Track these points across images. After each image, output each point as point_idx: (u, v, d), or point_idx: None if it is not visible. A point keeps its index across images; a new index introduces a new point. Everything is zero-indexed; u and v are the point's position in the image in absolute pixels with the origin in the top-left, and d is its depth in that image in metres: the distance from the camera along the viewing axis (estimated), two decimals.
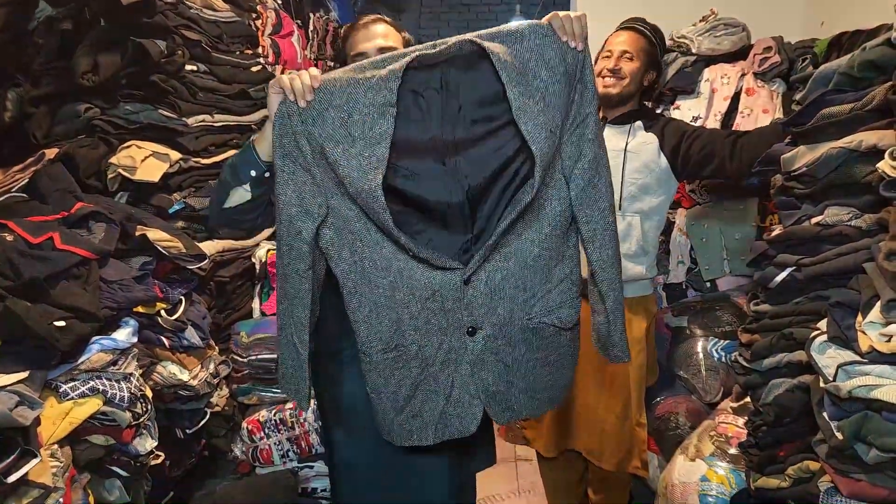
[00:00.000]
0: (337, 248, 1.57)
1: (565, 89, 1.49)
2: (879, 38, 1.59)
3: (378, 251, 1.55)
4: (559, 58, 1.48)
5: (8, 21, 2.24)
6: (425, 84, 1.51)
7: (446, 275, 1.56)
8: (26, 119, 2.42)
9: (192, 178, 2.69)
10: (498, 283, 1.59)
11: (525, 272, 1.60)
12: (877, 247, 1.42)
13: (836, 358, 1.42)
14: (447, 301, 1.59)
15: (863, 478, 1.40)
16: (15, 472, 1.54)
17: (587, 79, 1.53)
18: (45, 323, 1.73)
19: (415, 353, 1.63)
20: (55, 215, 2.05)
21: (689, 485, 2.30)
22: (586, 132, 1.56)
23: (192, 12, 2.82)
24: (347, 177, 1.46)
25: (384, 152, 1.45)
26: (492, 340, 1.63)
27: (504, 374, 1.67)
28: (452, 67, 1.51)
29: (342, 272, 1.59)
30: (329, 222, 1.55)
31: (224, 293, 2.97)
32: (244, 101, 3.06)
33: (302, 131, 1.49)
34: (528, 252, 1.59)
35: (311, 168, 1.51)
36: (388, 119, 1.46)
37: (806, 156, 1.69)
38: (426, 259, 1.54)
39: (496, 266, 1.58)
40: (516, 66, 1.47)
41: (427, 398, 1.67)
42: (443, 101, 1.52)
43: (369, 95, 1.46)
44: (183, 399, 2.41)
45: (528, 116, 1.46)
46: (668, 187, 2.39)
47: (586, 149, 1.57)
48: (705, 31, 3.08)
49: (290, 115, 1.49)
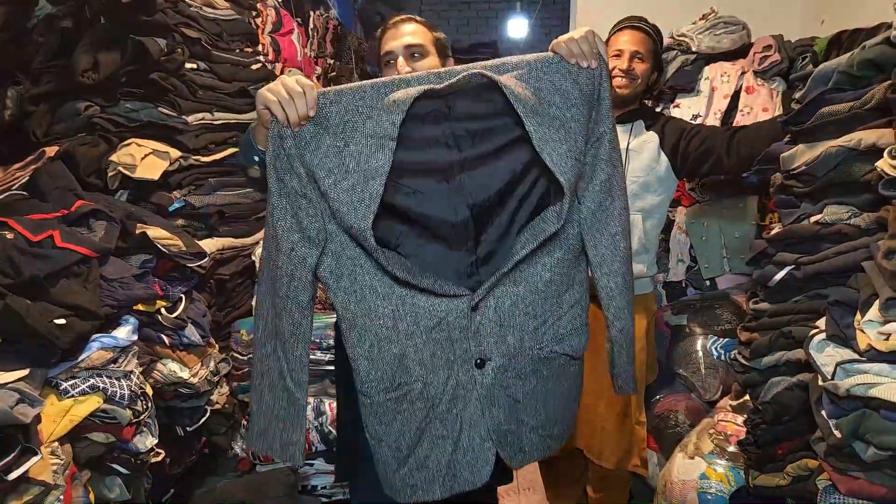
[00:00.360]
0: (336, 276, 1.47)
1: (584, 112, 1.44)
2: (879, 36, 1.59)
3: (378, 277, 1.46)
4: (571, 82, 1.43)
5: (8, 19, 2.25)
6: (429, 110, 1.44)
7: (452, 301, 1.47)
8: (26, 117, 2.43)
9: (192, 175, 2.69)
10: (507, 310, 1.50)
11: (536, 298, 1.51)
12: (875, 245, 1.42)
13: (834, 356, 1.43)
14: (454, 330, 1.49)
15: (861, 476, 1.40)
16: (16, 470, 1.55)
17: (603, 95, 1.47)
18: (46, 321, 1.74)
19: (419, 391, 1.51)
20: (55, 213, 2.06)
21: (689, 482, 2.31)
22: (600, 152, 1.49)
23: (192, 10, 2.82)
24: (337, 211, 1.39)
25: (378, 189, 1.36)
26: (502, 373, 1.52)
27: (514, 411, 1.56)
28: (458, 97, 1.44)
29: (341, 303, 1.48)
30: (328, 249, 1.46)
31: (224, 291, 2.97)
32: (244, 99, 3.05)
33: (296, 154, 1.39)
34: (539, 277, 1.51)
35: (307, 192, 1.41)
36: (387, 153, 1.37)
37: (805, 154, 1.69)
38: (429, 289, 1.45)
39: (505, 291, 1.49)
40: (529, 97, 1.41)
41: (434, 445, 1.54)
42: (447, 124, 1.45)
43: (369, 126, 1.39)
44: (183, 397, 2.41)
45: (552, 147, 1.40)
46: (668, 185, 2.39)
47: (599, 169, 1.50)
48: (705, 30, 3.08)
49: (283, 137, 1.39)
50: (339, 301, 1.49)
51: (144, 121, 2.53)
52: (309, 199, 1.41)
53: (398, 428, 1.53)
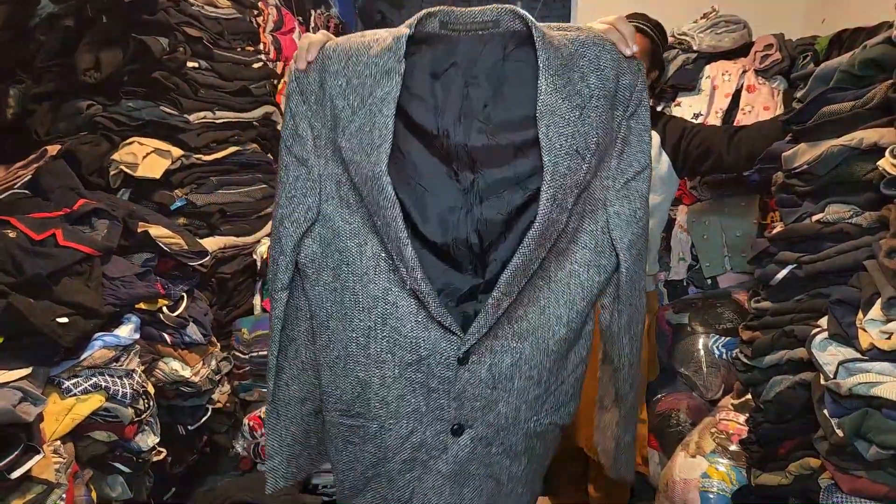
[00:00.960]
0: (317, 267, 1.25)
1: (609, 111, 1.19)
2: (880, 36, 1.59)
3: (365, 284, 1.20)
4: (614, 73, 1.18)
5: (10, 18, 2.25)
6: (446, 63, 1.19)
7: (440, 340, 1.19)
8: (29, 116, 2.44)
9: (194, 174, 2.69)
10: (506, 371, 1.21)
11: (544, 359, 1.22)
12: (877, 244, 1.42)
13: (836, 355, 1.42)
14: (433, 377, 1.21)
15: (863, 475, 1.40)
16: (18, 469, 1.54)
17: (641, 115, 1.22)
18: (48, 319, 1.74)
19: (374, 433, 1.25)
20: (58, 212, 2.06)
21: (690, 481, 2.30)
22: (633, 201, 1.22)
23: (194, 9, 2.82)
24: (351, 161, 1.17)
25: (387, 122, 1.14)
26: (483, 446, 1.24)
27: (493, 497, 1.27)
28: (485, 49, 1.18)
29: (317, 297, 1.26)
30: (315, 233, 1.24)
31: (225, 290, 2.97)
32: (245, 97, 3.05)
33: (303, 112, 1.22)
34: (551, 333, 1.21)
35: (307, 159, 1.23)
36: (393, 80, 1.15)
37: (807, 153, 1.69)
38: (422, 300, 1.17)
39: (506, 346, 1.20)
40: (563, 56, 1.15)
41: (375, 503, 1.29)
42: (464, 88, 1.19)
43: (372, 57, 1.16)
44: (185, 395, 2.41)
45: (554, 120, 1.14)
46: (669, 185, 2.39)
47: (631, 230, 1.22)
48: (706, 28, 3.08)
49: (289, 95, 1.24)
50: (314, 295, 1.27)
51: (146, 119, 2.54)
52: (309, 168, 1.23)
53: (346, 460, 1.31)
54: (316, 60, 1.20)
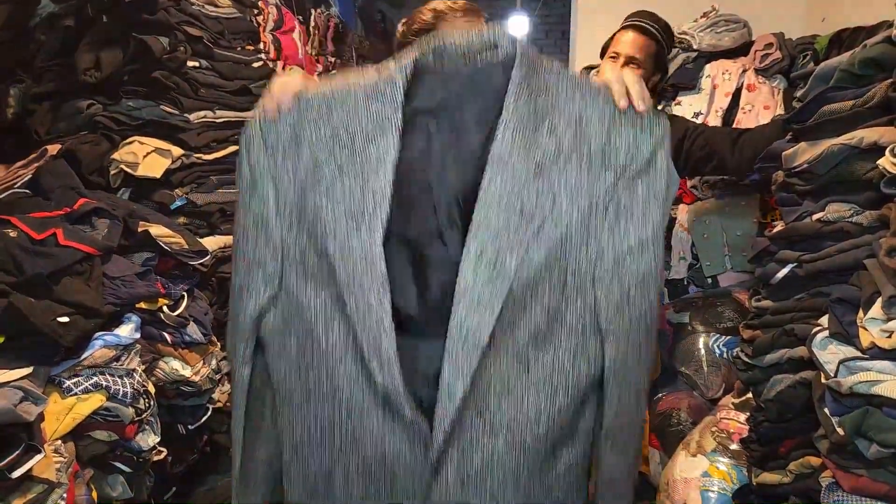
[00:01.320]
0: (281, 340, 1.10)
1: (588, 173, 1.01)
2: (880, 35, 1.59)
3: (327, 367, 1.05)
4: (602, 130, 1.02)
5: (10, 17, 2.25)
6: (443, 99, 1.04)
7: (405, 444, 1.04)
8: (29, 115, 2.43)
9: (194, 174, 2.69)
10: (477, 471, 1.04)
11: (520, 457, 1.05)
12: (878, 243, 1.42)
13: (837, 354, 1.42)
14: (396, 485, 1.06)
15: (864, 473, 1.40)
16: (19, 468, 1.54)
17: (647, 194, 1.02)
18: (49, 319, 1.74)
19: None
20: (58, 211, 2.06)
21: (691, 480, 2.30)
22: (641, 264, 1.02)
23: (194, 9, 2.83)
24: (328, 229, 1.00)
25: (385, 186, 0.98)
26: None
27: None
28: (477, 89, 1.03)
29: (278, 371, 1.11)
30: (279, 306, 1.09)
31: (226, 289, 2.96)
32: (246, 97, 3.05)
33: (266, 167, 1.08)
34: (528, 428, 1.04)
35: (269, 221, 1.08)
36: (389, 136, 1.00)
37: (807, 152, 1.69)
38: (392, 398, 1.00)
39: (475, 443, 1.03)
40: (537, 104, 1.01)
41: None
42: (453, 133, 1.04)
43: (361, 103, 1.02)
44: (185, 395, 2.41)
45: (499, 171, 0.98)
46: None
47: (635, 297, 1.04)
48: (706, 27, 3.08)
49: (247, 145, 1.11)
50: (275, 368, 1.12)
51: (146, 119, 2.54)
52: (268, 233, 1.09)
53: None
54: (290, 110, 1.06)
